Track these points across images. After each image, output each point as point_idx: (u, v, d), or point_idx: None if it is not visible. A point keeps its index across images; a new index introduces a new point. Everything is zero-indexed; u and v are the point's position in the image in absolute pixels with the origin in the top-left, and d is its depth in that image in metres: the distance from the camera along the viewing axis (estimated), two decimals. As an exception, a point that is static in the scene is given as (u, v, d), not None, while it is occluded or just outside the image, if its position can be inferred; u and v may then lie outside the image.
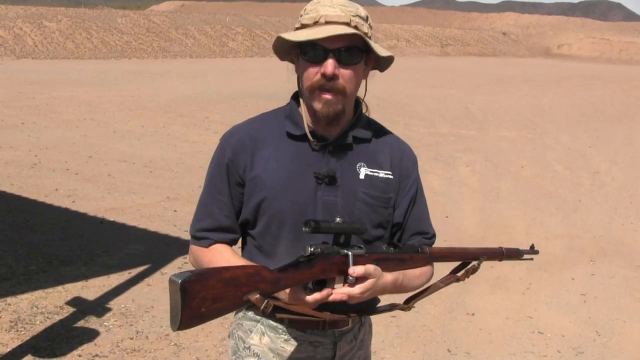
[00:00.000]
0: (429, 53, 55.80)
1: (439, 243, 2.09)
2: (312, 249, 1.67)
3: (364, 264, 1.73)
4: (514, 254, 2.19)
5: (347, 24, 1.79)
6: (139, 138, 11.96)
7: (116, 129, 12.68)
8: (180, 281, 1.46)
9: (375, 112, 2.10)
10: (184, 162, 10.22)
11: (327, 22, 1.80)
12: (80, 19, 39.05)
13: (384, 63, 1.97)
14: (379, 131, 2.04)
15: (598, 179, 10.94)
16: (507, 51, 65.21)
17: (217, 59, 37.64)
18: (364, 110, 2.03)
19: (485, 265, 2.16)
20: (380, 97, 19.10)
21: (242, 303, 1.59)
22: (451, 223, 7.79)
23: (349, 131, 1.93)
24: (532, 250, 2.25)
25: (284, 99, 2.01)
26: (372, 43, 1.83)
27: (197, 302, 1.49)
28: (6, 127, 12.17)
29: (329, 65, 1.78)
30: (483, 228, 7.74)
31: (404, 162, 2.03)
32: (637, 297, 5.93)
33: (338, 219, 1.71)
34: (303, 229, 1.66)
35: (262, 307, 1.60)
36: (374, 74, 2.04)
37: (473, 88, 25.89)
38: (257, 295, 1.58)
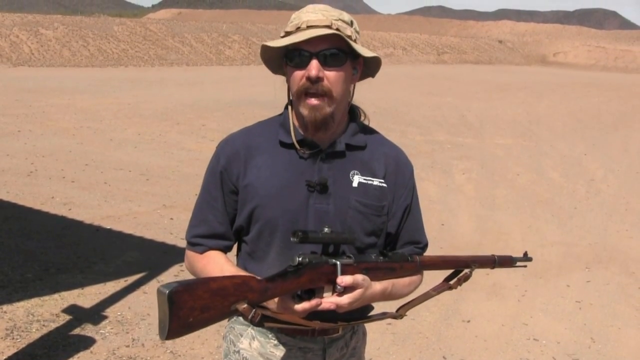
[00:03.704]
0: (425, 61, 55.92)
1: (434, 250, 2.09)
2: (300, 259, 1.67)
3: (352, 273, 1.73)
4: (506, 262, 2.17)
5: (329, 27, 1.81)
6: (136, 146, 11.96)
7: (113, 137, 12.68)
8: (167, 292, 1.47)
9: (372, 119, 2.11)
10: (180, 170, 10.22)
11: (308, 27, 1.82)
12: (76, 27, 39.10)
13: (373, 67, 1.98)
14: (375, 139, 2.04)
15: (594, 186, 10.96)
16: (503, 59, 65.40)
17: (214, 67, 37.70)
18: (362, 118, 2.03)
19: (481, 272, 2.17)
20: (376, 104, 19.14)
21: (230, 313, 1.59)
22: (447, 230, 7.81)
23: (342, 138, 1.94)
24: (525, 258, 2.23)
25: (280, 107, 2.02)
26: (353, 43, 1.84)
27: (185, 312, 1.49)
28: (3, 135, 12.17)
29: (313, 67, 1.80)
30: (479, 235, 7.75)
31: (400, 170, 2.02)
32: (632, 303, 5.94)
33: (326, 229, 1.71)
34: (291, 239, 1.66)
35: (249, 317, 1.60)
36: (368, 82, 2.05)
37: (469, 96, 25.96)
38: (245, 305, 1.59)
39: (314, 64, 1.80)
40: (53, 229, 6.98)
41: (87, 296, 5.28)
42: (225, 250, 1.99)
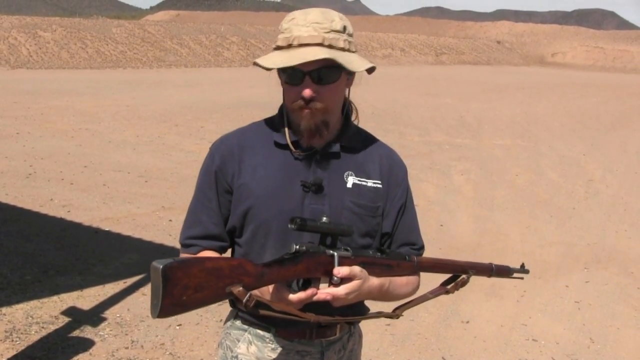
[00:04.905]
0: (423, 62, 55.96)
1: (433, 251, 2.09)
2: (297, 247, 1.66)
3: (349, 265, 1.73)
4: (503, 271, 2.16)
5: (321, 44, 1.78)
6: (134, 148, 11.96)
7: (111, 139, 12.68)
8: (162, 267, 1.45)
9: (370, 120, 2.11)
10: (179, 171, 10.23)
11: (300, 45, 1.79)
12: (75, 29, 39.09)
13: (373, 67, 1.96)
14: (369, 140, 2.04)
15: (592, 186, 10.97)
16: (502, 59, 65.46)
17: (212, 69, 37.70)
18: (353, 117, 2.02)
19: (481, 272, 2.15)
20: (375, 105, 19.15)
21: (224, 295, 1.57)
22: (446, 231, 7.81)
23: (337, 140, 1.93)
24: (522, 270, 2.22)
25: (277, 109, 2.02)
26: (346, 57, 1.80)
27: (179, 289, 1.47)
28: (1, 137, 12.17)
29: (307, 90, 1.79)
30: (478, 236, 7.75)
31: (394, 171, 2.02)
32: (631, 303, 5.95)
33: (324, 219, 1.71)
34: (289, 225, 1.65)
35: (244, 301, 1.57)
36: (367, 83, 2.04)
37: (468, 96, 25.97)
38: (240, 288, 1.56)
39: (307, 84, 1.79)
40: (52, 231, 6.98)
41: (86, 298, 5.28)
42: (221, 251, 1.97)
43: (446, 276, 2.08)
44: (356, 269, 1.74)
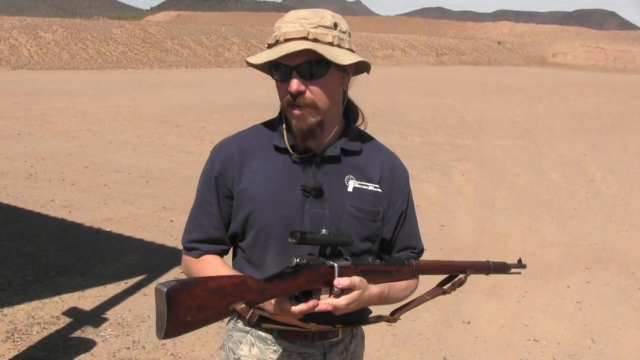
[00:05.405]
0: (424, 62, 55.99)
1: (434, 251, 2.10)
2: (297, 260, 1.67)
3: (349, 275, 1.74)
4: (501, 268, 2.17)
5: (305, 38, 1.77)
6: (135, 148, 11.96)
7: (112, 140, 12.69)
8: (166, 290, 1.47)
9: (371, 121, 2.10)
10: (180, 172, 10.23)
11: (286, 40, 1.79)
12: (75, 30, 39.13)
13: (365, 62, 1.92)
14: (371, 144, 2.02)
15: (593, 187, 10.97)
16: (502, 60, 65.49)
17: (213, 69, 37.71)
18: (359, 122, 2.02)
19: (481, 273, 2.16)
20: (375, 106, 19.15)
21: (228, 312, 1.59)
22: (447, 232, 7.81)
23: (337, 143, 1.92)
24: (520, 265, 2.22)
25: (277, 109, 2.02)
26: (331, 51, 1.78)
27: (183, 310, 1.49)
28: (2, 138, 12.17)
29: (293, 83, 1.78)
30: (479, 236, 7.75)
31: (395, 176, 2.01)
32: (632, 304, 5.95)
33: (324, 231, 1.71)
34: (289, 239, 1.66)
35: (247, 317, 1.60)
36: (367, 83, 2.03)
37: (468, 97, 25.97)
38: (243, 305, 1.59)
39: (294, 79, 1.78)
40: (53, 231, 6.99)
41: (88, 299, 5.29)
42: (222, 253, 1.98)
43: (443, 277, 2.09)
44: (356, 279, 1.75)
